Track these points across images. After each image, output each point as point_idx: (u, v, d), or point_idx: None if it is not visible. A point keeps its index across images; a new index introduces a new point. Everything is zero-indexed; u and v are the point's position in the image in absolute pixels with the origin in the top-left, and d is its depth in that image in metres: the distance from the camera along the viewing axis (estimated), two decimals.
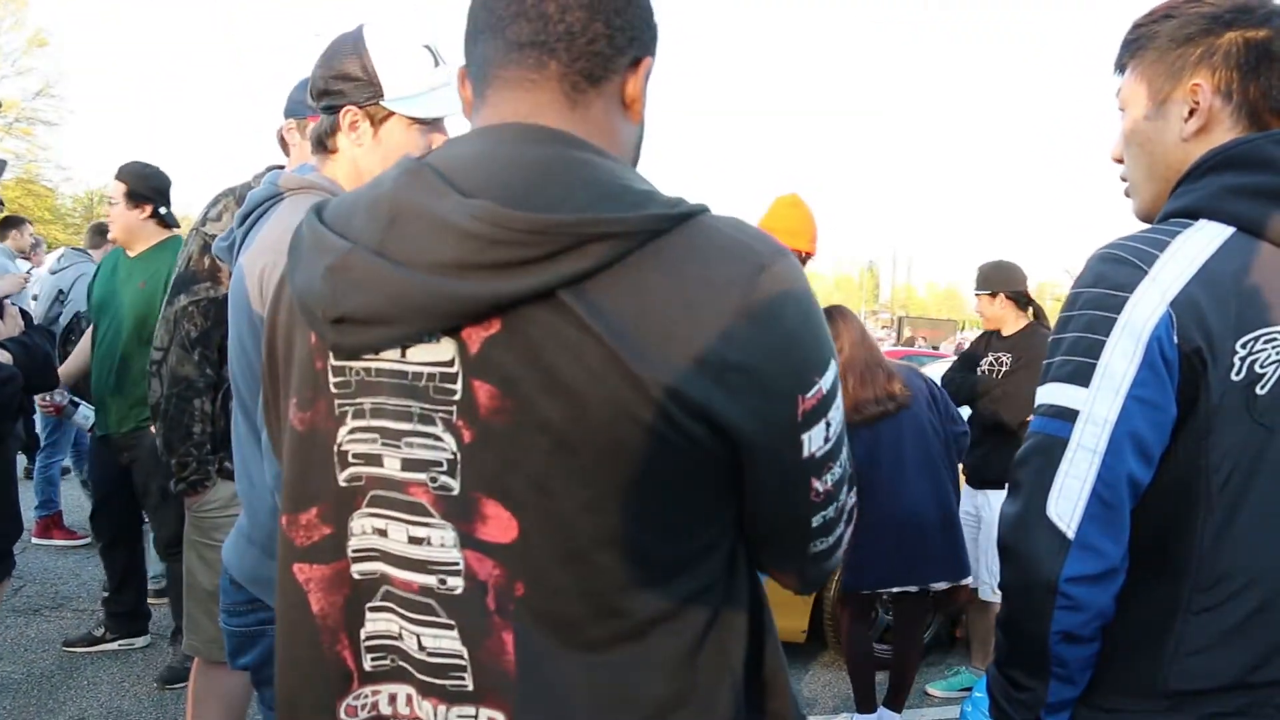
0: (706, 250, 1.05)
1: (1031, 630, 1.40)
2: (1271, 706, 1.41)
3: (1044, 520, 1.37)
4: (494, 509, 1.08)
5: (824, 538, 1.20)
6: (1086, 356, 1.38)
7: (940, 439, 4.29)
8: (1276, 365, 1.36)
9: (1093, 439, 1.35)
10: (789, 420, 1.08)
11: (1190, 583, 1.40)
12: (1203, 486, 1.37)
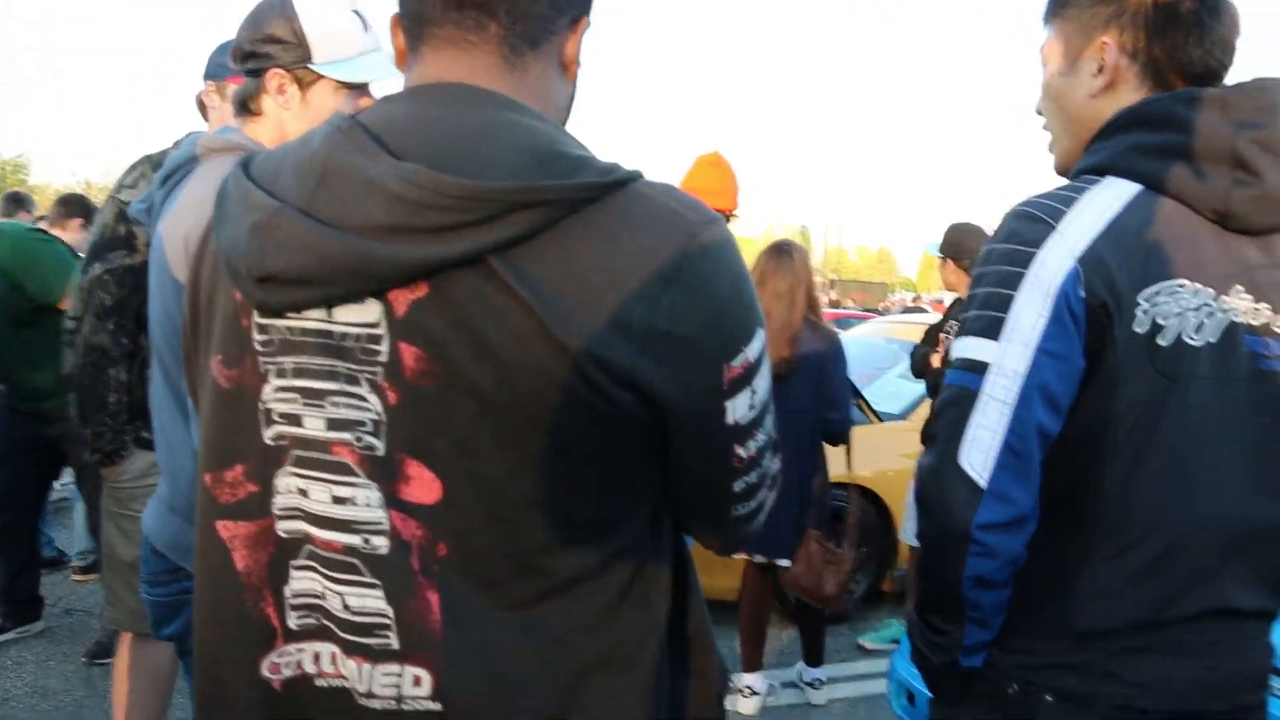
0: (637, 218, 1.05)
1: (947, 576, 1.44)
2: (1177, 640, 1.46)
3: (957, 470, 1.40)
4: (418, 470, 1.08)
5: (746, 502, 1.22)
6: (998, 311, 1.41)
7: (809, 419, 4.23)
8: (1178, 318, 1.40)
9: (1004, 391, 1.38)
10: (714, 388, 1.09)
11: (1098, 529, 1.44)
12: (1110, 436, 1.41)
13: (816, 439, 4.30)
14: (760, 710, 4.49)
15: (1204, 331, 1.41)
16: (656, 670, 1.19)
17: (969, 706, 1.56)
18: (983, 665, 1.53)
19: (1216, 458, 1.45)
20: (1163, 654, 1.46)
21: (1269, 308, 1.46)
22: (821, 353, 4.22)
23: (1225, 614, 1.49)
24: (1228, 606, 1.49)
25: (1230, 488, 1.46)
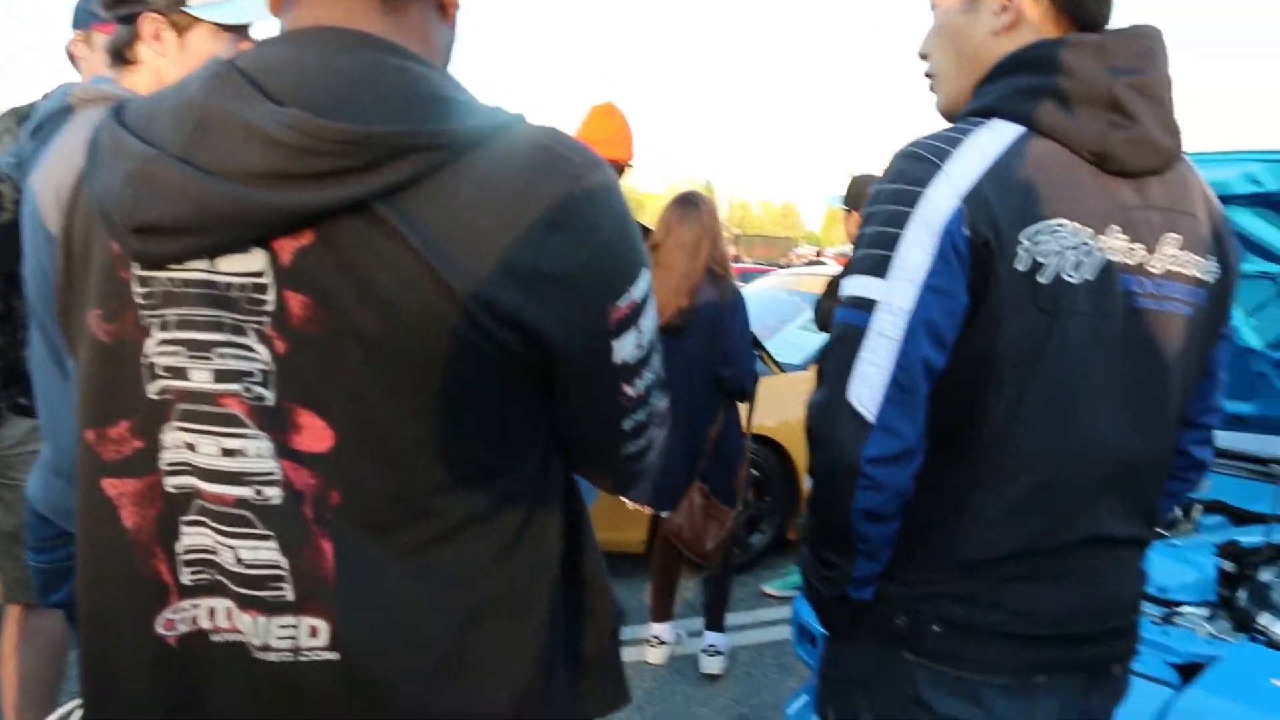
0: (521, 161, 1.05)
1: (837, 510, 1.47)
2: (1057, 568, 1.52)
3: (846, 405, 1.42)
4: (309, 419, 1.07)
5: (636, 440, 1.24)
6: (885, 249, 1.43)
7: (704, 371, 4.20)
8: (1057, 256, 1.43)
9: (891, 327, 1.41)
10: (600, 328, 1.10)
11: (982, 462, 1.48)
12: (993, 371, 1.45)
13: (713, 391, 4.28)
14: (668, 659, 4.54)
15: (1082, 270, 1.45)
16: (550, 611, 1.21)
17: (860, 640, 1.60)
18: (873, 598, 1.56)
19: (1094, 392, 1.49)
20: (1043, 581, 1.52)
21: (1143, 248, 1.50)
22: (719, 306, 4.18)
23: (1101, 542, 1.55)
24: (1104, 535, 1.55)
25: (1107, 421, 1.51)
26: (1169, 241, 1.53)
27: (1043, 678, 1.55)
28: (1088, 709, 1.63)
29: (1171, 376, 1.57)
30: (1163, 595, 3.08)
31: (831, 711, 1.68)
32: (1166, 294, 1.53)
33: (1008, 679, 1.53)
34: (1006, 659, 1.52)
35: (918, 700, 1.54)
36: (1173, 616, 2.96)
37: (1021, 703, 1.54)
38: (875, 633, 1.57)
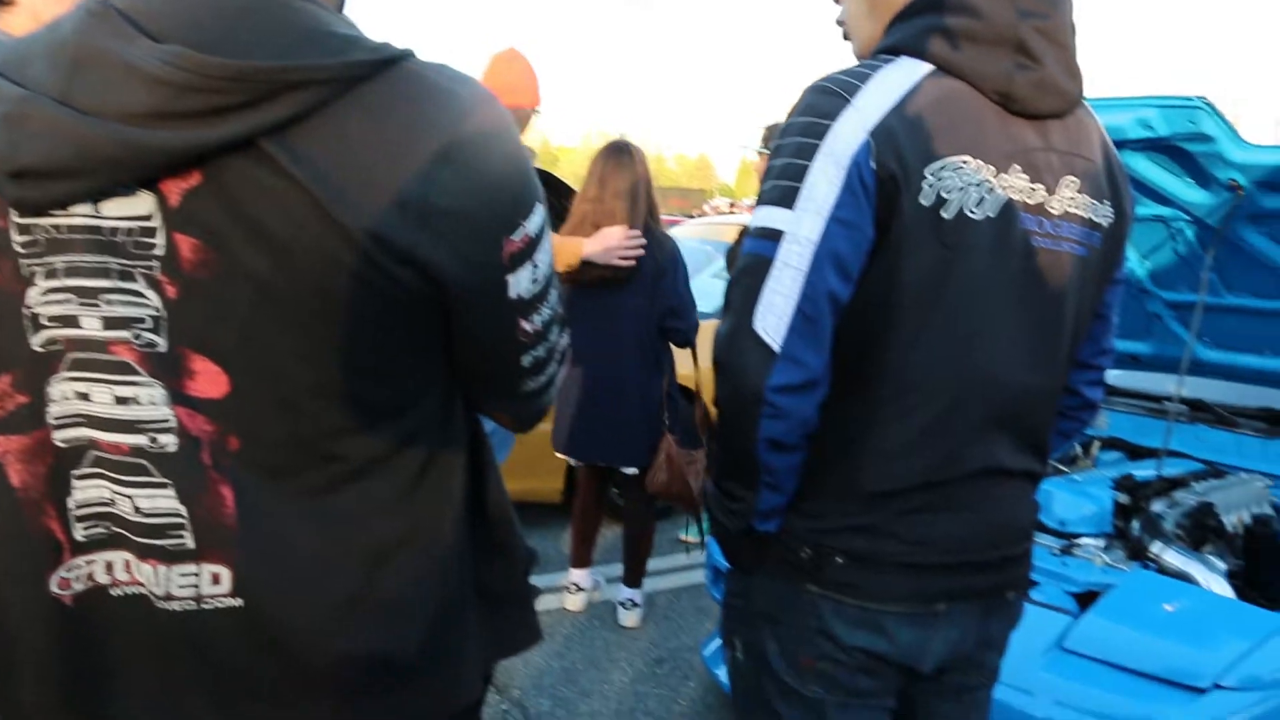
0: (410, 95, 1.04)
1: (742, 439, 1.49)
2: (953, 500, 1.57)
3: (752, 334, 1.44)
4: (203, 364, 1.05)
5: (536, 376, 1.24)
6: (793, 181, 1.45)
7: (649, 324, 4.18)
8: (960, 192, 1.46)
9: (797, 258, 1.43)
10: (494, 263, 1.10)
11: (884, 393, 1.52)
12: (895, 304, 1.48)
13: (660, 344, 4.26)
14: (586, 606, 4.59)
15: (984, 206, 1.48)
16: (456, 550, 1.22)
17: (765, 573, 1.63)
18: (777, 531, 1.60)
19: (992, 327, 1.53)
20: (942, 512, 1.56)
21: (1043, 189, 1.54)
22: (660, 259, 4.15)
23: (997, 473, 1.60)
24: (999, 466, 1.60)
25: (1003, 355, 1.55)
26: (1068, 184, 1.56)
27: (943, 605, 1.60)
28: (986, 634, 1.69)
29: (1065, 315, 1.62)
30: (1063, 528, 3.19)
31: (738, 645, 1.71)
32: (1063, 235, 1.57)
33: (910, 608, 1.58)
34: (908, 588, 1.57)
35: (823, 631, 1.58)
36: (1071, 548, 3.07)
37: (923, 630, 1.60)
38: (780, 566, 1.61)
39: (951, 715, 1.76)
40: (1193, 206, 3.31)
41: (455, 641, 1.24)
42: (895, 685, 1.66)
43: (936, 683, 1.70)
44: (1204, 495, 3.35)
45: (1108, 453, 4.05)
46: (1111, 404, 4.19)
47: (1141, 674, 2.46)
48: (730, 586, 1.74)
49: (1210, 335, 3.82)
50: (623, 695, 3.81)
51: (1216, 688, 2.37)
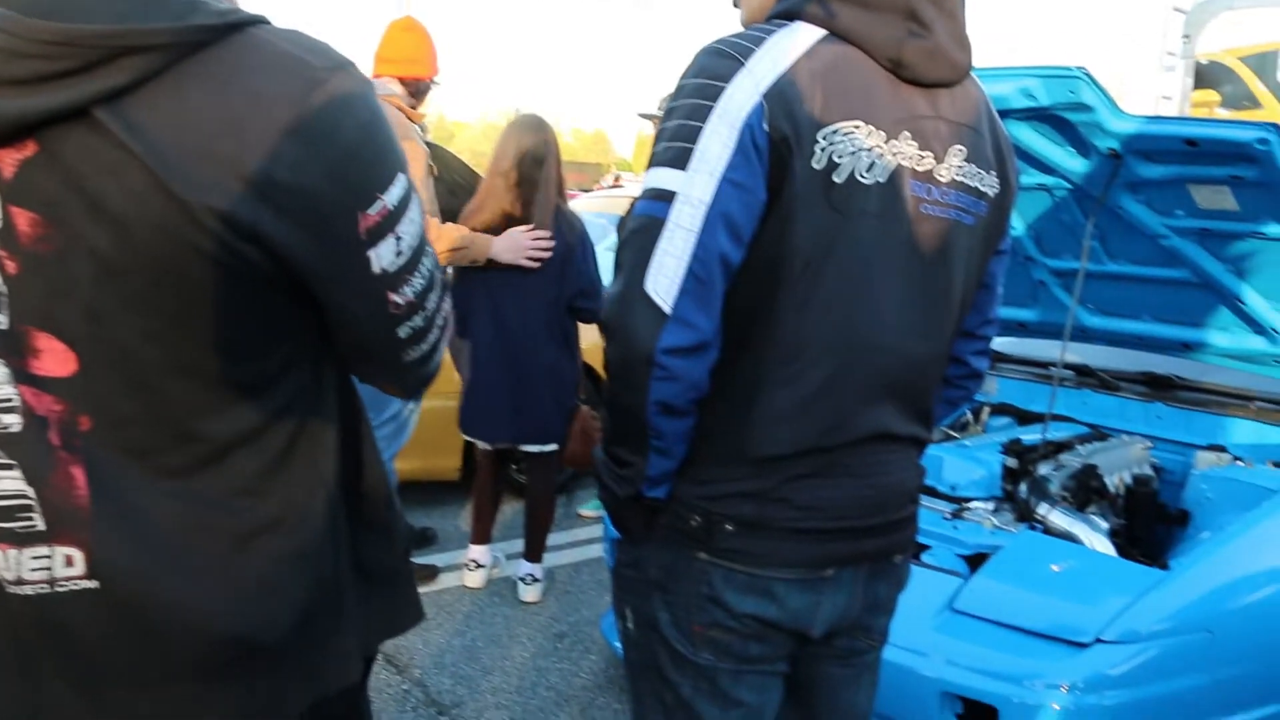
0: (255, 64, 1.00)
1: (632, 402, 1.48)
2: (840, 465, 1.58)
3: (643, 296, 1.43)
4: (47, 342, 1.02)
5: (416, 346, 1.21)
6: (686, 142, 1.44)
7: (559, 304, 4.14)
8: (852, 157, 1.47)
9: (689, 219, 1.42)
10: (350, 238, 1.06)
11: (773, 357, 1.52)
12: (786, 267, 1.48)
13: (570, 323, 4.22)
14: (486, 583, 4.56)
15: (874, 172, 1.49)
16: (330, 528, 1.19)
17: (655, 541, 1.63)
18: (666, 499, 1.59)
19: (880, 292, 1.54)
20: (828, 477, 1.57)
21: (932, 156, 1.55)
22: (569, 239, 4.11)
23: (885, 438, 1.61)
24: (887, 432, 1.61)
25: (891, 321, 1.56)
26: (955, 153, 1.58)
27: (831, 570, 1.61)
28: (873, 597, 1.71)
29: (952, 283, 1.63)
30: (953, 493, 3.25)
31: (629, 614, 1.71)
32: (951, 203, 1.58)
33: (799, 573, 1.59)
34: (797, 554, 1.58)
35: (713, 598, 1.58)
36: (962, 512, 3.13)
37: (813, 595, 1.61)
38: (669, 534, 1.61)
39: (842, 678, 1.78)
40: (1074, 175, 3.38)
41: (329, 622, 1.21)
42: (786, 650, 1.67)
43: (827, 646, 1.71)
44: (1088, 458, 3.45)
45: (997, 418, 4.14)
46: (1000, 370, 4.28)
47: (1028, 631, 2.52)
48: (620, 556, 1.73)
49: (1093, 302, 3.92)
50: (524, 671, 3.80)
51: (1098, 642, 2.44)
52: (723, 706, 1.65)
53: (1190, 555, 2.74)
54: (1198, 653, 2.51)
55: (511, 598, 4.44)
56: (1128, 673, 2.41)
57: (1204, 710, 2.53)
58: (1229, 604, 2.63)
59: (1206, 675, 2.52)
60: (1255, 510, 2.89)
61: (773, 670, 1.68)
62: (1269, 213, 3.11)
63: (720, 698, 1.64)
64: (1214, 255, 3.41)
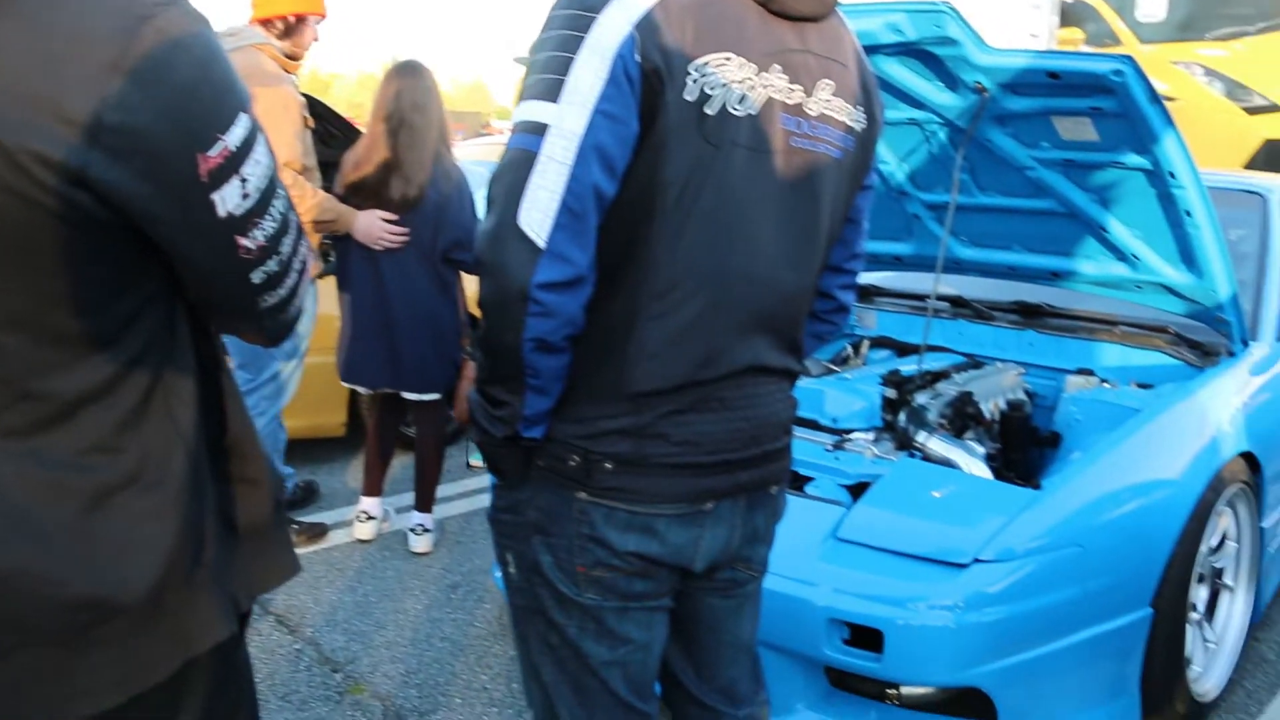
0: (73, 1, 0.95)
1: (507, 340, 1.46)
2: (715, 399, 1.59)
3: (516, 231, 1.41)
4: None
5: (272, 291, 1.18)
6: (557, 74, 1.42)
7: (433, 254, 4.07)
8: (723, 89, 1.47)
9: (562, 151, 1.40)
10: (190, 181, 1.02)
11: (646, 291, 1.52)
12: (659, 200, 1.48)
13: (449, 272, 4.15)
14: (377, 536, 4.52)
15: (746, 104, 1.49)
16: (190, 482, 1.15)
17: (533, 485, 1.63)
18: (544, 439, 1.58)
19: (752, 224, 1.55)
20: (704, 411, 1.58)
21: (801, 90, 1.56)
22: (445, 190, 4.03)
23: (757, 371, 1.63)
24: (759, 365, 1.63)
25: (763, 253, 1.57)
26: (824, 86, 1.59)
27: (711, 504, 1.63)
28: (752, 528, 1.74)
29: (821, 216, 1.65)
30: (835, 425, 3.32)
31: (511, 560, 1.70)
32: (820, 136, 1.60)
33: (679, 508, 1.60)
34: (676, 489, 1.59)
35: (595, 538, 1.59)
36: (843, 443, 3.19)
37: (693, 529, 1.63)
38: (548, 475, 1.60)
39: (724, 609, 1.81)
40: (943, 109, 3.43)
41: (195, 580, 1.18)
42: (670, 586, 1.69)
43: (708, 579, 1.74)
44: (964, 386, 3.54)
45: (877, 351, 4.22)
46: (879, 304, 4.36)
47: (910, 555, 2.60)
48: (498, 501, 1.72)
49: (966, 234, 4.01)
50: (418, 623, 3.79)
51: (976, 562, 2.52)
52: (610, 645, 1.66)
53: (1061, 475, 2.84)
54: (1069, 567, 2.61)
55: (403, 551, 4.41)
56: (1005, 590, 2.50)
57: (1077, 620, 2.63)
58: (1097, 519, 2.73)
59: (1078, 587, 2.62)
60: (1120, 429, 3.00)
61: (658, 606, 1.69)
62: (1127, 143, 3.21)
63: (607, 636, 1.65)
64: (1078, 185, 3.50)
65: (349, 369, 4.25)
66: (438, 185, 4.01)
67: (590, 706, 1.71)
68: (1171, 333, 3.68)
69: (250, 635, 3.55)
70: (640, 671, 1.72)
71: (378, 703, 3.25)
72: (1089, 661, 2.71)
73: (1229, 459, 3.09)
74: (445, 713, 3.21)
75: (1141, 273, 3.63)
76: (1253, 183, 4.34)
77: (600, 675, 1.68)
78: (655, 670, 1.77)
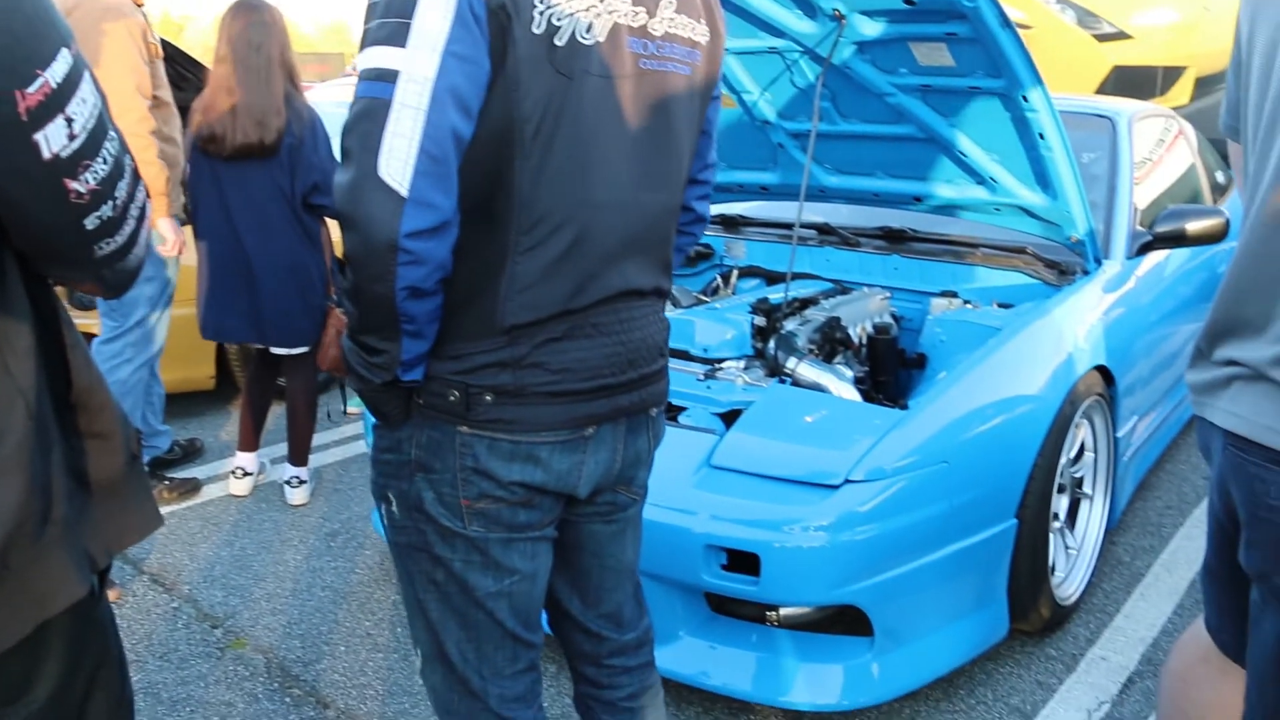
0: None
1: (378, 291, 1.45)
2: (590, 326, 1.61)
3: (378, 182, 1.39)
4: None
5: (109, 239, 1.13)
6: (401, 17, 1.39)
7: (293, 200, 3.93)
8: (570, 19, 1.46)
9: (415, 97, 1.38)
10: (11, 121, 0.98)
11: (514, 227, 1.52)
12: (518, 136, 1.48)
13: (312, 218, 4.02)
14: (253, 490, 4.44)
15: (594, 32, 1.49)
16: (34, 437, 1.11)
17: (414, 424, 1.63)
18: (423, 379, 1.59)
19: (612, 150, 1.56)
20: (580, 339, 1.60)
21: (644, 11, 1.56)
22: (298, 131, 3.88)
23: (630, 295, 1.65)
24: (631, 288, 1.65)
25: (624, 178, 1.59)
26: (666, 5, 1.59)
27: (592, 429, 1.65)
28: (634, 451, 1.76)
29: (677, 134, 1.67)
30: (706, 354, 3.35)
31: (393, 499, 1.70)
32: (668, 55, 1.61)
33: (561, 435, 1.62)
34: (557, 417, 1.60)
35: (478, 470, 1.60)
36: (715, 372, 3.22)
37: (576, 455, 1.65)
38: (428, 412, 1.61)
39: (607, 534, 1.84)
40: (802, 37, 3.45)
41: (45, 539, 1.14)
42: (554, 515, 1.71)
43: (590, 505, 1.77)
44: (831, 311, 3.60)
45: (746, 281, 4.27)
46: (747, 234, 4.39)
47: (783, 479, 2.65)
48: (379, 442, 1.71)
49: (830, 161, 4.06)
50: (299, 574, 3.74)
51: (847, 483, 2.58)
52: (496, 576, 1.68)
53: (927, 395, 2.92)
54: (937, 483, 2.69)
55: (279, 503, 4.34)
56: (876, 508, 2.57)
57: (946, 534, 2.72)
58: (963, 436, 2.82)
59: (946, 502, 2.70)
60: (982, 349, 3.09)
61: (542, 535, 1.71)
62: (982, 68, 3.27)
63: (493, 568, 1.67)
64: (936, 111, 3.57)
65: (209, 324, 4.11)
66: (290, 128, 3.87)
67: (477, 640, 1.73)
68: (1030, 253, 3.79)
69: (125, 596, 3.50)
70: (526, 602, 1.74)
71: (260, 656, 3.21)
72: (958, 573, 2.81)
73: (1085, 373, 3.21)
74: (329, 661, 3.18)
75: (999, 195, 3.72)
76: (1103, 107, 4.48)
77: (487, 607, 1.69)
78: (541, 600, 1.79)
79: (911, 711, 2.91)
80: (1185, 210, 3.77)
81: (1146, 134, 4.58)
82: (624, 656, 1.95)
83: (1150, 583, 3.68)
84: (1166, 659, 2.01)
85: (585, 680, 1.97)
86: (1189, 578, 3.70)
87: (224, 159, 3.85)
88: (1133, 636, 3.33)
